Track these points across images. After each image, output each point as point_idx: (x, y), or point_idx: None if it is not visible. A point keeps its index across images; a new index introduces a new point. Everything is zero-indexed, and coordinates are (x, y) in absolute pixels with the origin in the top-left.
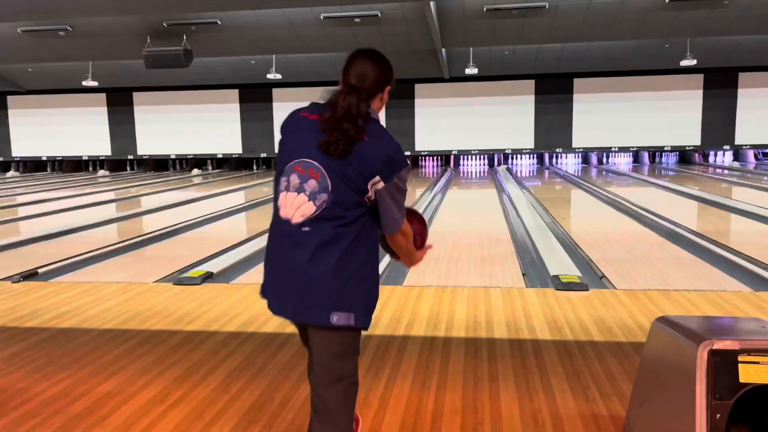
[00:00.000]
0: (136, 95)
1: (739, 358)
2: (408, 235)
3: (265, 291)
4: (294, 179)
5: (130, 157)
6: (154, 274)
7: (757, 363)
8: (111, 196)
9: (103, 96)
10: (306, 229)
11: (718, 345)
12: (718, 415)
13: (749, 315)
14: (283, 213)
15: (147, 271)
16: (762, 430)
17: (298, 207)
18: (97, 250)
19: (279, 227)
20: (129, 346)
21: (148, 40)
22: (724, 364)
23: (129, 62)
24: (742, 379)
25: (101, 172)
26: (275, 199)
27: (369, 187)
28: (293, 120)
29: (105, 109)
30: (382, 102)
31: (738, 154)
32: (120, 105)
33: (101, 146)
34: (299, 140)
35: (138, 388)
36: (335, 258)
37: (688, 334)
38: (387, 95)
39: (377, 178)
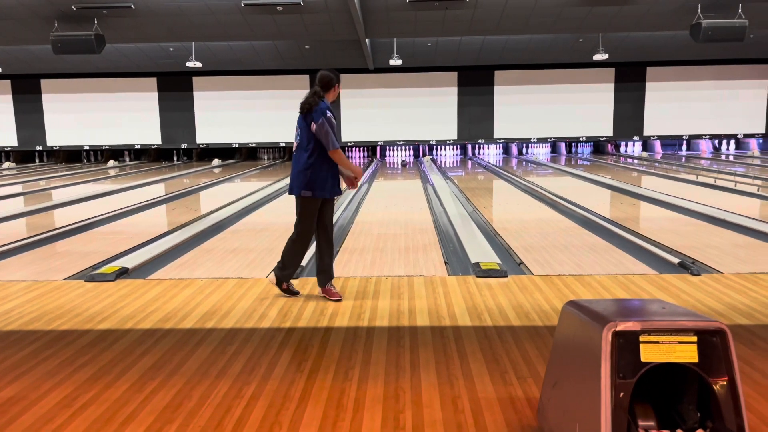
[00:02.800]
0: (44, 82)
1: (641, 339)
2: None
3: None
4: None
5: (39, 148)
6: (64, 271)
7: (657, 342)
8: (17, 189)
9: (7, 83)
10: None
11: (621, 326)
12: (621, 394)
13: (655, 296)
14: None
15: (56, 268)
16: (662, 405)
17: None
18: None
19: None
20: (34, 348)
21: (56, 24)
22: (626, 345)
23: (36, 47)
24: (643, 359)
25: (6, 164)
26: None
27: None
28: None
29: (10, 96)
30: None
31: (646, 144)
32: (27, 93)
33: (6, 137)
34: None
35: (43, 393)
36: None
37: (594, 317)
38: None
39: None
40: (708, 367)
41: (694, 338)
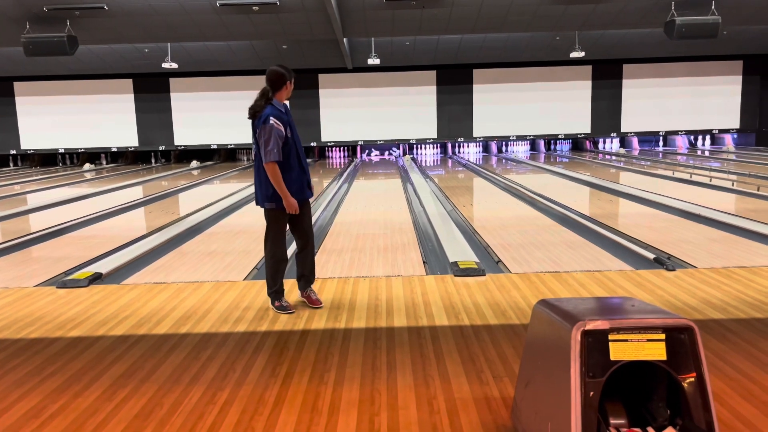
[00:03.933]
0: (17, 85)
1: (610, 337)
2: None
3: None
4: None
5: (13, 152)
6: (35, 277)
7: (626, 341)
8: None
9: None
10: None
11: (590, 326)
12: (591, 393)
13: (631, 291)
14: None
15: (28, 275)
16: (633, 403)
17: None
18: None
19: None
20: (1, 357)
21: (28, 26)
22: (595, 344)
23: (7, 50)
24: (612, 357)
25: None
26: None
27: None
28: None
29: None
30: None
31: (624, 140)
32: None
33: None
34: None
35: (10, 404)
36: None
37: (563, 316)
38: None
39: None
40: (677, 364)
41: (663, 336)
